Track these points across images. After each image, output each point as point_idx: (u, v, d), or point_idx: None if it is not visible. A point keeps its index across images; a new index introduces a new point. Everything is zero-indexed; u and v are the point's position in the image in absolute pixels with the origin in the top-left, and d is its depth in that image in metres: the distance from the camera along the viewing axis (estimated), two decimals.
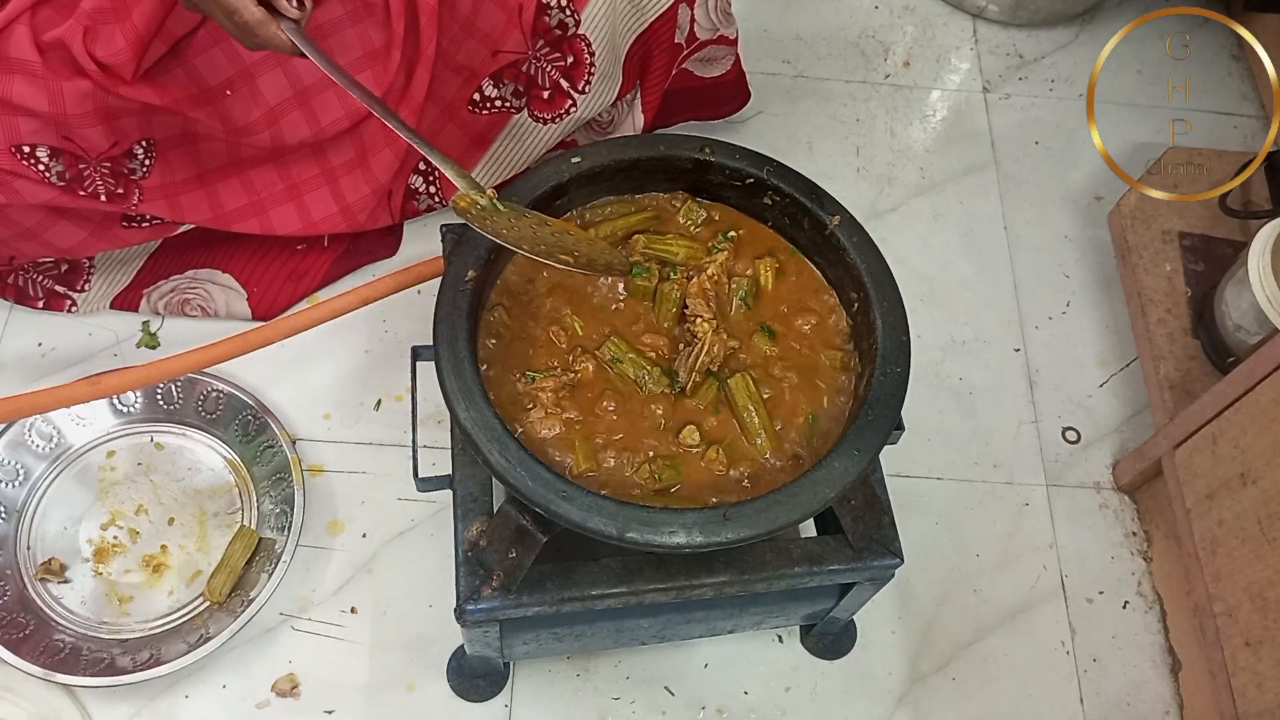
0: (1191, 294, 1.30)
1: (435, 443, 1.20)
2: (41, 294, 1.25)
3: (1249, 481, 1.03)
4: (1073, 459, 1.32)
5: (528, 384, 0.88)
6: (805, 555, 0.90)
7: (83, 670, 1.03)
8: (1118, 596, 1.24)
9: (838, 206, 0.94)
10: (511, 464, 0.78)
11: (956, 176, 1.54)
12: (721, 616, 1.01)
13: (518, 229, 0.86)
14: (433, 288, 0.88)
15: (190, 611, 1.11)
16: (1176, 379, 1.25)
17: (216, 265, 1.29)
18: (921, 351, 1.32)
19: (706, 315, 0.91)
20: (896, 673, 1.17)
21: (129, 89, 1.01)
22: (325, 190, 1.23)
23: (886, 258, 0.92)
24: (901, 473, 1.28)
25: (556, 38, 1.16)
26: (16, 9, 0.99)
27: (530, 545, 0.83)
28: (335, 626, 1.13)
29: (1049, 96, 1.65)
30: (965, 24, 1.72)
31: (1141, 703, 1.18)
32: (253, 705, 1.08)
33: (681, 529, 0.77)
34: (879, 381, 0.85)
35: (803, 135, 1.55)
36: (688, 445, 0.86)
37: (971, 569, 1.23)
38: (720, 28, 1.30)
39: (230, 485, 1.19)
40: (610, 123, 1.34)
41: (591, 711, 1.12)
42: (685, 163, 0.97)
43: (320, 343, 1.27)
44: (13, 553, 1.11)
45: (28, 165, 1.03)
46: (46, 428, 1.16)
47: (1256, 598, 1.01)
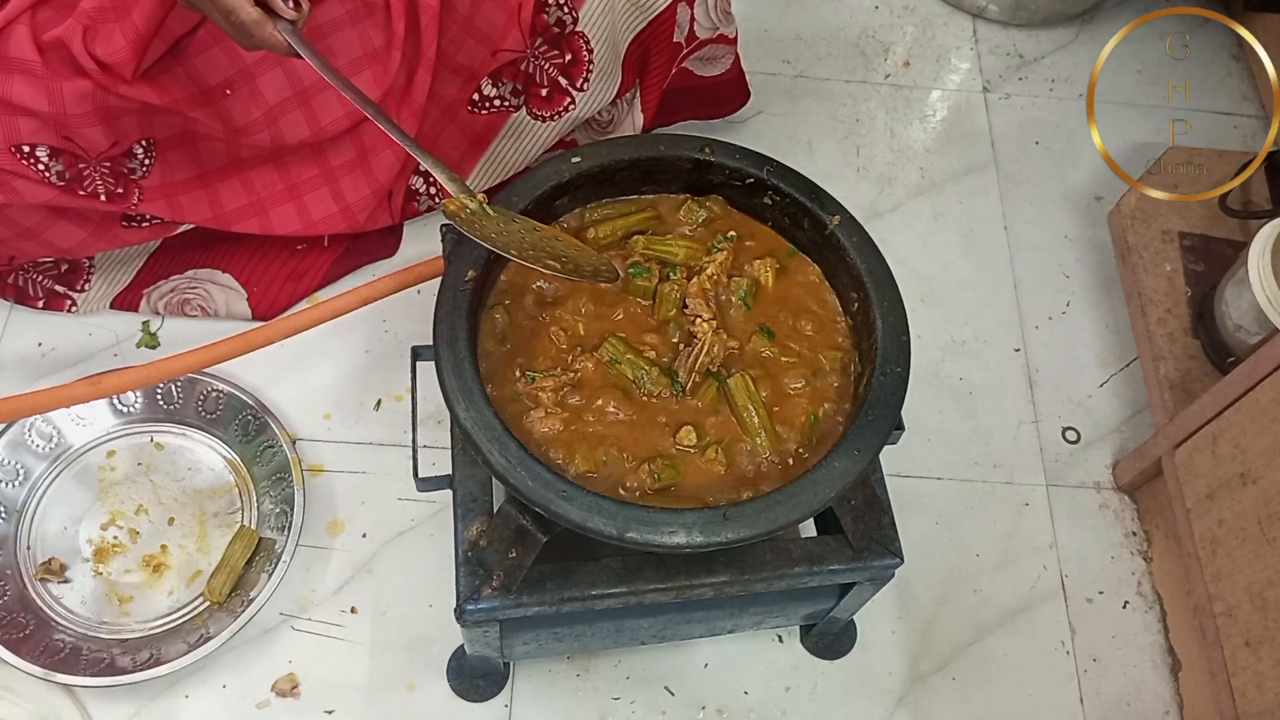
0: (1191, 294, 1.30)
1: (435, 443, 1.20)
2: (41, 294, 1.25)
3: (1249, 481, 1.03)
4: (1073, 459, 1.32)
5: (528, 384, 0.88)
6: (805, 555, 0.90)
7: (83, 670, 1.03)
8: (1118, 596, 1.24)
9: (838, 206, 0.94)
10: (511, 464, 0.78)
11: (956, 176, 1.54)
12: (721, 616, 1.01)
13: (506, 234, 0.86)
14: (433, 288, 0.88)
15: (190, 611, 1.11)
16: (1176, 379, 1.25)
17: (216, 265, 1.29)
18: (921, 351, 1.32)
19: (706, 315, 0.91)
20: (896, 673, 1.17)
21: (129, 88, 1.01)
22: (325, 190, 1.23)
23: (886, 258, 0.92)
24: (901, 473, 1.28)
25: (555, 35, 1.16)
26: (16, 9, 0.99)
27: (530, 545, 0.83)
28: (335, 626, 1.13)
29: (1049, 96, 1.65)
30: (965, 24, 1.72)
31: (1141, 703, 1.18)
32: (253, 705, 1.08)
33: (681, 529, 0.77)
34: (879, 381, 0.85)
35: (803, 135, 1.55)
36: (685, 446, 0.86)
37: (971, 569, 1.23)
38: (720, 27, 1.30)
39: (230, 485, 1.19)
40: (609, 121, 1.34)
41: (591, 711, 1.12)
42: (685, 163, 0.97)
43: (320, 343, 1.27)
44: (13, 553, 1.11)
45: (28, 165, 1.03)
46: (46, 428, 1.16)
47: (1256, 598, 1.01)
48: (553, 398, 0.87)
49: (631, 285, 0.94)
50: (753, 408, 0.88)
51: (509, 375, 0.88)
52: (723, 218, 1.00)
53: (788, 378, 0.91)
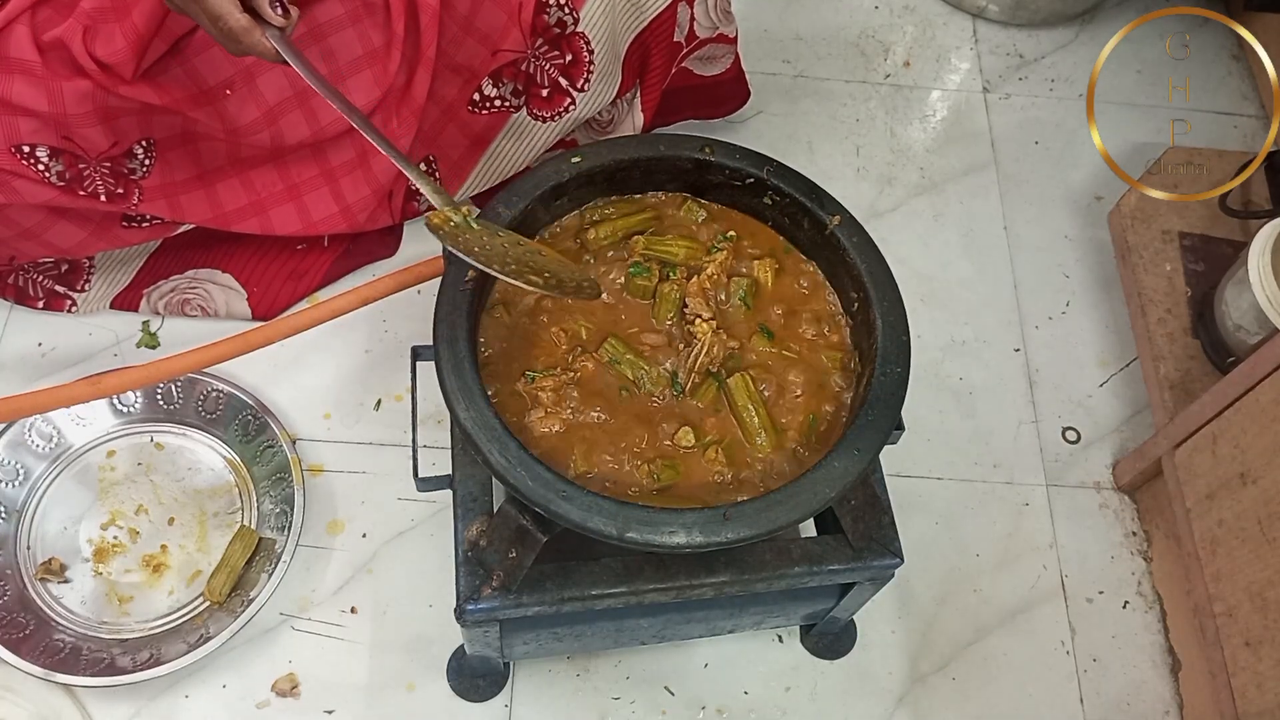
0: (1191, 294, 1.30)
1: (435, 443, 1.20)
2: (41, 294, 1.25)
3: (1249, 481, 1.03)
4: (1073, 459, 1.32)
5: (528, 384, 0.88)
6: (805, 555, 0.90)
7: (83, 670, 1.03)
8: (1118, 596, 1.24)
9: (838, 206, 0.94)
10: (511, 464, 0.78)
11: (956, 176, 1.54)
12: (721, 616, 1.01)
13: (490, 247, 0.85)
14: (433, 288, 0.88)
15: (190, 611, 1.11)
16: (1176, 379, 1.25)
17: (216, 265, 1.29)
18: (921, 351, 1.32)
19: (706, 315, 0.91)
20: (896, 673, 1.17)
21: (129, 89, 1.01)
22: (325, 191, 1.23)
23: (886, 258, 0.92)
24: (901, 473, 1.27)
25: (555, 36, 1.16)
26: (16, 9, 0.99)
27: (530, 545, 0.83)
28: (335, 626, 1.13)
29: (1049, 96, 1.65)
30: (965, 24, 1.72)
31: (1141, 703, 1.18)
32: (253, 705, 1.08)
33: (681, 529, 0.77)
34: (879, 381, 0.85)
35: (803, 135, 1.55)
36: (685, 446, 0.86)
37: (971, 569, 1.23)
38: (720, 26, 1.30)
39: (230, 485, 1.19)
40: (610, 121, 1.34)
41: (591, 711, 1.12)
42: (685, 163, 0.97)
43: (320, 343, 1.27)
44: (13, 553, 1.11)
45: (28, 165, 1.03)
46: (46, 428, 1.16)
47: (1256, 598, 1.01)
48: (553, 398, 0.87)
49: (631, 285, 0.94)
50: (753, 408, 0.88)
51: (509, 375, 0.88)
52: (723, 218, 0.99)
53: (788, 378, 0.91)
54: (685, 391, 0.89)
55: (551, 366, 0.89)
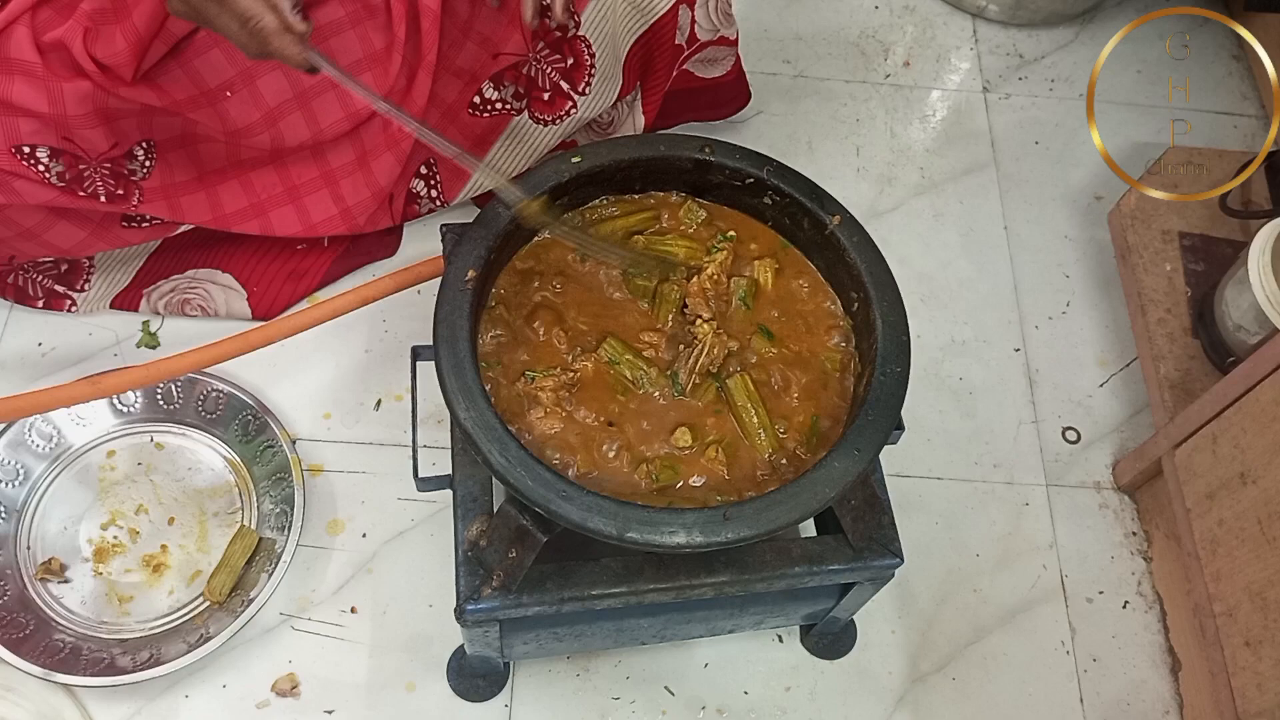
0: (1191, 294, 1.30)
1: (435, 443, 1.20)
2: (41, 294, 1.25)
3: (1249, 481, 1.03)
4: (1073, 459, 1.32)
5: (528, 384, 0.88)
6: (805, 555, 0.90)
7: (83, 670, 1.03)
8: (1118, 596, 1.24)
9: (838, 206, 0.94)
10: (511, 464, 0.78)
11: (956, 176, 1.54)
12: (721, 616, 1.01)
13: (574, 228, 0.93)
14: (433, 288, 0.88)
15: (190, 611, 1.11)
16: (1176, 379, 1.25)
17: (216, 265, 1.29)
18: (921, 351, 1.32)
19: (706, 315, 0.91)
20: (896, 673, 1.17)
21: (129, 90, 1.01)
22: (325, 192, 1.23)
23: (886, 257, 0.92)
24: (901, 473, 1.28)
25: (556, 39, 1.16)
26: (16, 9, 0.99)
27: (530, 545, 0.83)
28: (335, 626, 1.13)
29: (1049, 96, 1.65)
30: (965, 24, 1.72)
31: (1141, 703, 1.18)
32: (253, 705, 1.08)
33: (681, 529, 0.77)
34: (879, 381, 0.85)
35: (803, 135, 1.55)
36: (684, 446, 0.86)
37: (971, 569, 1.23)
38: (720, 28, 1.30)
39: (230, 485, 1.19)
40: (611, 124, 1.34)
41: (591, 711, 1.12)
42: (685, 163, 0.97)
43: (320, 343, 1.27)
44: (13, 552, 1.11)
45: (28, 166, 1.03)
46: (46, 428, 1.17)
47: (1256, 598, 1.01)
48: (553, 398, 0.87)
49: (631, 285, 0.94)
50: (752, 408, 0.88)
51: (509, 375, 0.88)
52: (723, 218, 1.00)
53: (788, 378, 0.91)
54: (685, 391, 0.89)
55: (551, 366, 0.89)
